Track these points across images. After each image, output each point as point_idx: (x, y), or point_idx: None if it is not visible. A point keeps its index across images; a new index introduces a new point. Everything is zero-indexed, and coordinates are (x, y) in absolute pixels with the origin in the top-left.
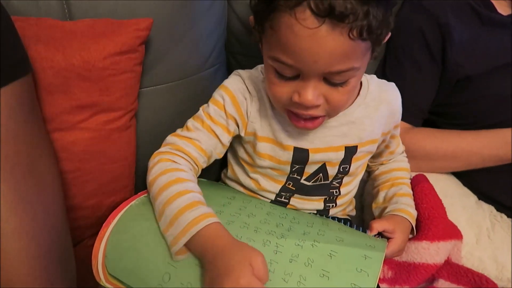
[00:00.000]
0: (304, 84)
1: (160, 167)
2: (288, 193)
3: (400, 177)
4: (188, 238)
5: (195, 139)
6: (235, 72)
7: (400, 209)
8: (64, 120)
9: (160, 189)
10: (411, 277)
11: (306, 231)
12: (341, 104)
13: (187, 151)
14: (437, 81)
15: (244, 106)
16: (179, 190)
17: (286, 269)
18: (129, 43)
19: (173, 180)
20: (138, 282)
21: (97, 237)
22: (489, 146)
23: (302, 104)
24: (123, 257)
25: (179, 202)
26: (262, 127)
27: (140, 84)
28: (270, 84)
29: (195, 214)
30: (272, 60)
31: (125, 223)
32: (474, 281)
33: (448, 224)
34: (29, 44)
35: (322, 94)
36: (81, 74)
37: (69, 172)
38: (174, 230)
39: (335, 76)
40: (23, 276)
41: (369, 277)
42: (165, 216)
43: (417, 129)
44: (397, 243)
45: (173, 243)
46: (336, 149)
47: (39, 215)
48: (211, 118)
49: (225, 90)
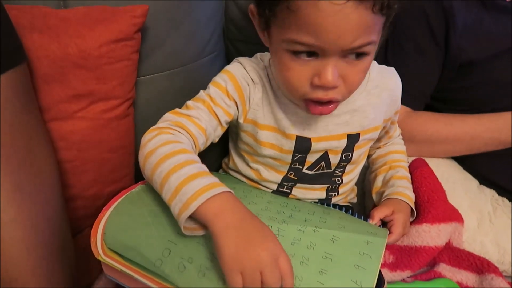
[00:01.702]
0: (324, 64)
1: (161, 139)
2: (290, 183)
3: (397, 159)
4: (201, 202)
5: (196, 117)
6: (236, 59)
7: (397, 192)
8: (61, 110)
9: (163, 158)
10: (412, 261)
11: (308, 218)
12: (357, 83)
13: (188, 128)
14: (440, 66)
15: (247, 91)
16: (186, 159)
17: (289, 251)
18: (125, 30)
19: (178, 150)
20: (137, 256)
21: (96, 219)
22: (490, 130)
23: (324, 85)
24: (122, 234)
25: (188, 169)
26: (265, 115)
27: (138, 73)
28: (285, 71)
29: (209, 180)
30: (288, 42)
31: (125, 206)
32: (475, 265)
33: (448, 206)
34: (24, 33)
35: (340, 74)
36: (77, 63)
37: (67, 162)
38: (182, 196)
39: (355, 51)
40: (22, 265)
41: (372, 260)
42: (169, 184)
43: (418, 113)
44: (399, 223)
45: (182, 210)
46: (339, 137)
47: (37, 205)
48: (212, 99)
49: (227, 74)
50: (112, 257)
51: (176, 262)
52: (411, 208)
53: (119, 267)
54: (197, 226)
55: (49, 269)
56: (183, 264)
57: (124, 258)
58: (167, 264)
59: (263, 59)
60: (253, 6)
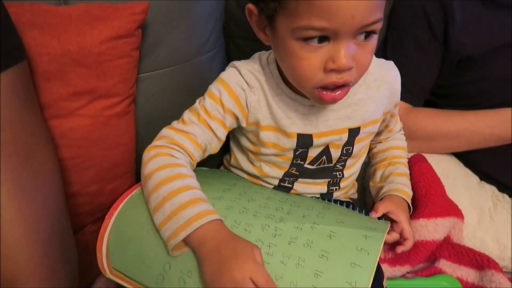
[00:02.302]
0: (336, 46)
1: (158, 161)
2: (292, 178)
3: (397, 155)
4: (189, 233)
5: (191, 133)
6: (231, 64)
7: (397, 189)
8: (62, 107)
9: (159, 183)
10: (411, 255)
11: (306, 214)
12: (367, 64)
13: (183, 146)
14: (440, 62)
15: (243, 97)
16: (181, 185)
17: (285, 252)
18: (125, 27)
19: (174, 175)
20: (140, 274)
21: (100, 230)
22: (490, 126)
23: (339, 68)
24: (125, 249)
25: (182, 197)
26: (264, 116)
27: (138, 70)
28: (297, 62)
29: (198, 209)
30: (300, 30)
31: (127, 213)
32: (475, 261)
33: (446, 201)
34: (24, 30)
35: (352, 56)
36: (77, 60)
37: (68, 159)
38: (173, 224)
39: (367, 29)
40: (24, 262)
41: (369, 256)
42: (163, 210)
43: (418, 109)
44: (406, 224)
45: (171, 237)
46: (340, 132)
47: (38, 202)
48: (207, 112)
49: (221, 83)
50: (117, 275)
51: (177, 276)
52: (408, 205)
53: (125, 285)
54: (183, 244)
55: (50, 267)
56: (183, 279)
57: (127, 277)
58: (169, 279)
59: (261, 58)
60: (251, 5)
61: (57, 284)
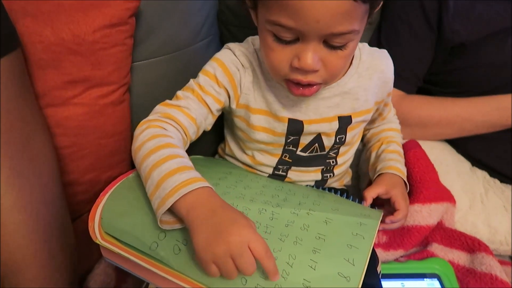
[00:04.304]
0: (304, 47)
1: (148, 133)
2: (285, 166)
3: (391, 136)
4: (177, 199)
5: (185, 106)
6: (226, 45)
7: (388, 167)
8: (57, 96)
9: (148, 153)
10: (405, 240)
11: (302, 202)
12: (338, 69)
13: (177, 119)
14: (433, 49)
15: (237, 76)
16: (168, 154)
17: (282, 232)
18: (119, 15)
19: (162, 144)
20: (133, 239)
21: (94, 204)
22: (482, 112)
23: (302, 68)
24: (119, 219)
25: (169, 165)
26: (256, 99)
27: (133, 58)
28: (268, 51)
29: (187, 176)
30: (271, 24)
31: (121, 191)
32: (467, 244)
33: (440, 187)
34: (17, 18)
35: (321, 59)
36: (71, 49)
37: (65, 148)
38: (161, 192)
39: (336, 38)
40: (23, 249)
41: (365, 240)
42: (151, 178)
43: (411, 96)
44: (398, 198)
45: (159, 205)
46: (330, 120)
47: (36, 190)
48: (201, 87)
49: (216, 61)
50: (109, 240)
51: (171, 244)
52: (404, 181)
53: (116, 250)
54: (174, 219)
55: (50, 253)
56: (178, 246)
57: (121, 242)
58: (163, 247)
59: (254, 42)
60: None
61: (56, 270)
